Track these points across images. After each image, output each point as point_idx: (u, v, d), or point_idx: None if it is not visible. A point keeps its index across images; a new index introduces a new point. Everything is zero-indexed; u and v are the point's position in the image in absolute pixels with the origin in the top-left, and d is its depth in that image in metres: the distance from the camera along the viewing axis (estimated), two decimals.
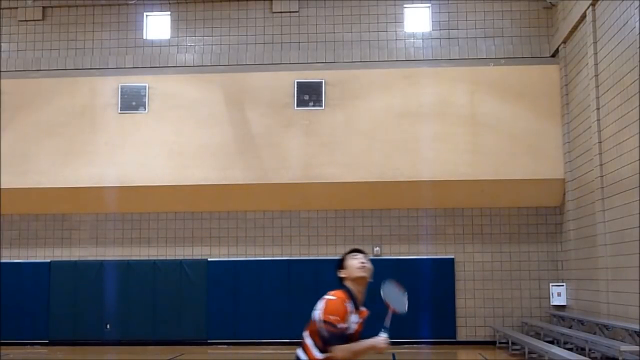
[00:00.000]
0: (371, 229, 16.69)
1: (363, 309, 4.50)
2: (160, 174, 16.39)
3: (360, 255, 4.54)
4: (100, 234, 17.11)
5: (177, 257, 16.91)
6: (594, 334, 12.82)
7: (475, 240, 16.51)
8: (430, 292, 16.11)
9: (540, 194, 16.11)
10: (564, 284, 15.93)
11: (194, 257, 16.88)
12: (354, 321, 4.34)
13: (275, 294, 16.33)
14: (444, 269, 16.29)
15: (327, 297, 4.34)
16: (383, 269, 16.40)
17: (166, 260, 16.85)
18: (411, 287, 17.97)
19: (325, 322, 4.19)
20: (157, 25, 17.47)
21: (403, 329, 15.98)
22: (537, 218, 16.44)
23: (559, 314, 15.37)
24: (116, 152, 16.56)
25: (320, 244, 16.71)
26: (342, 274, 4.51)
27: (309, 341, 4.29)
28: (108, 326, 16.46)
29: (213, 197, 16.52)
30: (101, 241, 17.09)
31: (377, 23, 16.89)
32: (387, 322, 4.53)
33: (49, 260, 16.98)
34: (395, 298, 4.73)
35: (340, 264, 4.56)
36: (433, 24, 16.88)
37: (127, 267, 16.78)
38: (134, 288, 16.62)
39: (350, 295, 4.39)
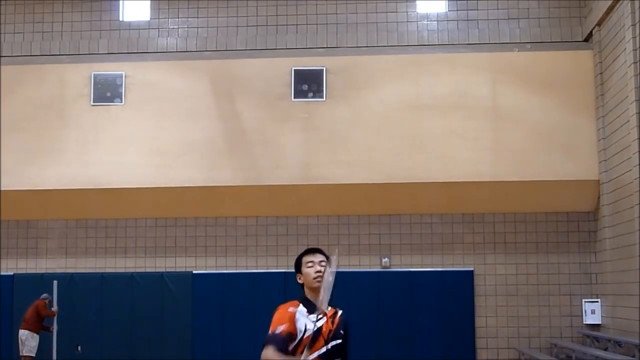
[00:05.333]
0: (379, 237, 16.68)
1: (328, 309, 4.76)
2: (138, 175, 16.38)
3: (316, 261, 4.77)
4: (70, 243, 17.09)
5: (157, 270, 16.89)
6: (633, 356, 12.80)
7: (498, 250, 16.49)
8: (446, 308, 16.10)
9: (572, 198, 16.10)
10: (599, 299, 15.90)
11: (177, 270, 16.87)
12: (311, 321, 4.61)
13: (270, 311, 16.25)
14: (462, 283, 16.27)
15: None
16: (392, 282, 16.50)
17: (145, 272, 16.83)
18: (424, 303, 17.94)
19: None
20: (136, 6, 17.46)
21: (415, 350, 15.99)
22: (568, 225, 16.42)
23: (592, 334, 15.36)
24: (88, 149, 16.54)
25: None
26: (299, 279, 4.83)
27: None
28: (79, 348, 16.44)
29: (199, 201, 16.51)
30: (71, 251, 17.06)
31: (386, 3, 16.89)
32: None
33: (12, 273, 16.96)
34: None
35: (297, 267, 4.84)
36: (449, 4, 16.87)
37: (100, 281, 16.75)
38: (108, 304, 16.58)
39: (306, 301, 4.73)
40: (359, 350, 15.99)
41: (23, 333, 14.95)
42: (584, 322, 15.99)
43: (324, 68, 16.58)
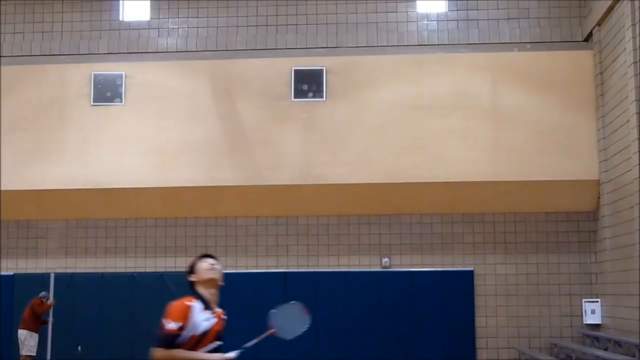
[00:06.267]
0: (379, 237, 16.68)
1: (218, 309, 5.17)
2: (138, 175, 16.38)
3: (210, 259, 5.28)
4: (70, 243, 17.09)
5: (158, 269, 16.90)
6: (633, 356, 12.80)
7: (498, 250, 16.49)
8: (446, 308, 16.10)
9: (572, 197, 16.10)
10: (599, 299, 15.90)
11: (178, 269, 16.82)
12: (203, 319, 4.94)
13: (270, 311, 16.30)
14: (462, 283, 16.27)
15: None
16: (392, 282, 16.50)
17: (146, 272, 16.84)
18: (424, 303, 17.91)
19: (159, 325, 4.84)
20: (135, 6, 17.46)
21: (415, 350, 16.00)
22: (568, 225, 16.42)
23: (592, 333, 15.35)
24: (88, 149, 16.55)
25: (321, 254, 16.70)
26: (192, 277, 5.20)
27: None
28: (79, 348, 16.44)
29: (199, 201, 16.51)
30: (71, 251, 17.07)
31: (386, 2, 16.89)
32: (252, 342, 5.35)
33: (12, 273, 16.97)
34: (289, 322, 5.53)
35: (190, 269, 5.27)
36: (449, 4, 16.87)
37: (101, 281, 16.75)
38: (109, 304, 16.59)
39: (199, 297, 5.05)
40: (359, 350, 16.04)
41: (22, 333, 14.99)
42: (584, 322, 15.99)
43: (324, 68, 16.58)
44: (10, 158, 16.53)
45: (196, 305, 4.94)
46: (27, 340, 14.95)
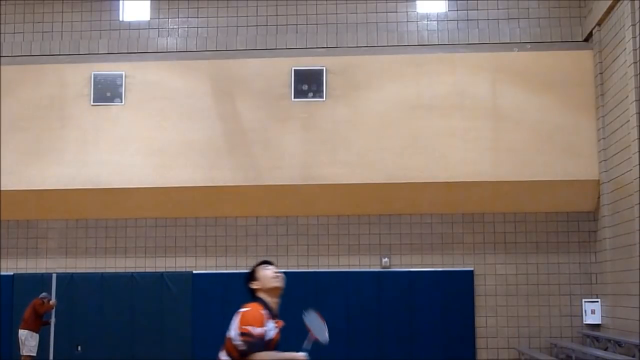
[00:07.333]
0: (379, 237, 16.68)
1: (279, 320, 5.07)
2: (138, 175, 16.39)
3: (271, 267, 5.18)
4: (70, 243, 17.10)
5: (157, 270, 16.90)
6: (633, 356, 12.80)
7: (498, 250, 16.50)
8: (446, 308, 16.11)
9: (572, 197, 16.11)
10: (599, 299, 15.91)
11: (177, 270, 16.88)
12: (271, 328, 4.90)
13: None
14: (462, 283, 16.27)
15: (241, 310, 4.95)
16: (393, 282, 16.51)
17: (145, 272, 16.84)
18: (424, 303, 17.89)
19: (242, 334, 4.79)
20: (136, 6, 17.46)
21: (416, 350, 16.00)
22: (568, 225, 16.42)
23: (592, 334, 15.36)
24: (88, 149, 16.55)
25: (321, 254, 16.70)
26: (254, 285, 5.09)
27: (224, 358, 4.89)
28: (79, 348, 16.44)
29: (199, 201, 16.52)
30: (71, 251, 17.07)
31: (386, 2, 16.90)
32: (307, 345, 5.25)
33: (12, 273, 16.97)
34: (317, 327, 5.34)
35: (251, 276, 5.15)
36: (449, 4, 16.88)
37: (101, 281, 16.76)
38: (108, 304, 16.60)
39: (265, 305, 4.98)
40: (359, 350, 16.04)
41: (22, 333, 15.00)
42: (584, 322, 15.99)
43: (324, 68, 16.59)
44: (10, 158, 16.53)
45: (265, 313, 4.92)
46: (28, 341, 14.96)
